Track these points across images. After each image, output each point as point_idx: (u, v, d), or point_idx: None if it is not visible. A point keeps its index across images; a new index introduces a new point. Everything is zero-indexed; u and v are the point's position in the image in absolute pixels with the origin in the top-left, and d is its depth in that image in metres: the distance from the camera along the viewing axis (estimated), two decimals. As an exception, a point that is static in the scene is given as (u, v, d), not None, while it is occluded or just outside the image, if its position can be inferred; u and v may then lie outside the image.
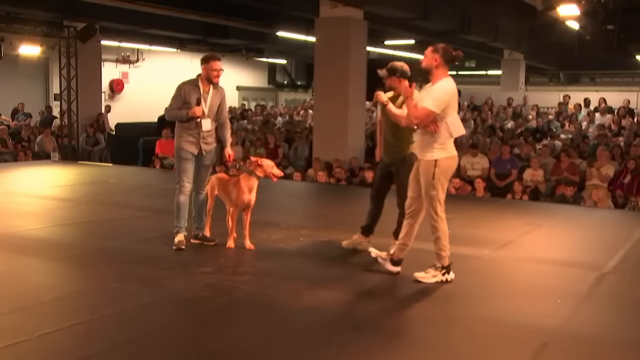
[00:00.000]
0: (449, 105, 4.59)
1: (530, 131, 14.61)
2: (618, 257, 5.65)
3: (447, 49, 4.66)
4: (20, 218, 6.89)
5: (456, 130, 4.62)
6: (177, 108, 5.53)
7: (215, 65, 5.51)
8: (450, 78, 4.68)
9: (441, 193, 4.65)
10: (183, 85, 5.58)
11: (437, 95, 4.58)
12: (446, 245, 4.71)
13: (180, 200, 5.61)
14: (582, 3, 9.97)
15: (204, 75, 5.56)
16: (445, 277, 4.72)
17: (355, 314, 4.13)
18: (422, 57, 4.82)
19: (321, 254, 5.58)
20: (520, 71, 19.78)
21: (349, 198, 8.92)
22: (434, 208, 4.65)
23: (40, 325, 3.77)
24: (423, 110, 4.60)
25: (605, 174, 9.92)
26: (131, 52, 20.02)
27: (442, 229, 4.68)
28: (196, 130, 5.54)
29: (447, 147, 4.66)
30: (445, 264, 4.73)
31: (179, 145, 5.58)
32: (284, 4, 12.92)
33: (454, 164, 4.75)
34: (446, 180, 4.70)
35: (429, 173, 4.63)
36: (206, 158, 5.67)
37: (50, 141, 14.17)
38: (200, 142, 5.57)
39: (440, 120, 4.59)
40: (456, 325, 4.00)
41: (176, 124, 5.63)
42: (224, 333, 3.79)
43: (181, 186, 5.59)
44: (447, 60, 4.65)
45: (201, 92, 5.54)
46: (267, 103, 24.87)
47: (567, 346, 3.71)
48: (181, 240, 5.62)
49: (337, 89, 11.73)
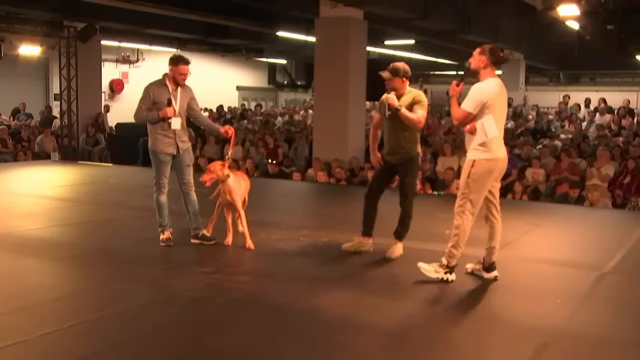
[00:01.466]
0: (486, 105, 4.53)
1: (530, 131, 14.62)
2: (618, 257, 5.65)
3: (494, 50, 4.65)
4: (20, 218, 6.89)
5: (490, 131, 4.56)
6: (147, 109, 5.54)
7: (184, 70, 5.56)
8: (496, 78, 4.63)
9: (473, 194, 4.59)
10: (151, 87, 5.60)
11: (473, 95, 4.56)
12: (461, 246, 4.66)
13: (161, 200, 5.67)
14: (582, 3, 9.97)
15: (170, 76, 5.60)
16: (446, 277, 4.70)
17: (355, 314, 4.13)
18: (422, 57, 4.83)
19: (321, 254, 5.57)
20: (520, 71, 19.78)
21: (349, 198, 8.91)
22: (461, 205, 4.62)
23: (40, 325, 3.77)
24: (461, 111, 4.60)
25: (605, 173, 9.93)
26: (131, 52, 20.02)
27: (463, 228, 4.63)
28: (170, 130, 5.56)
29: (489, 148, 4.58)
30: (452, 264, 4.70)
31: (154, 148, 5.59)
32: (284, 4, 12.91)
33: (494, 166, 4.61)
34: (481, 184, 4.59)
35: (465, 172, 4.63)
36: (185, 157, 5.69)
37: (50, 141, 14.18)
38: (177, 141, 5.60)
39: (478, 120, 4.56)
40: (456, 325, 4.00)
41: (148, 127, 5.64)
42: (224, 333, 3.79)
43: (160, 186, 5.64)
44: (494, 62, 4.63)
45: (170, 91, 5.57)
46: (267, 103, 24.88)
47: (567, 346, 3.71)
48: (168, 237, 5.68)
49: (337, 89, 11.72)
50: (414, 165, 5.35)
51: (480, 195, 4.63)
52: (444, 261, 4.72)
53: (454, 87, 4.75)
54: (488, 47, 4.65)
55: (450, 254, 4.69)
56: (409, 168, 5.33)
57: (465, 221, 4.63)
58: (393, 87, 5.32)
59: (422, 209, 4.90)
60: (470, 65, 4.70)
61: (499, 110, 4.63)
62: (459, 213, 4.66)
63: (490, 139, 4.56)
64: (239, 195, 5.67)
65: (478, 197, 4.62)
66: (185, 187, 5.72)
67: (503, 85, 4.68)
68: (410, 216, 5.37)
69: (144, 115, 5.56)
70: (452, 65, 21.64)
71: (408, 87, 5.37)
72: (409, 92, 5.31)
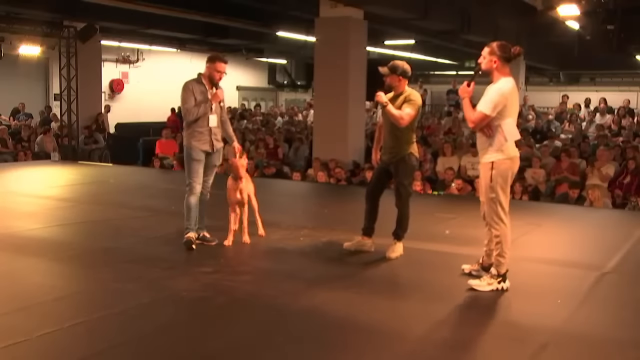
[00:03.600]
0: (505, 107, 4.40)
1: (530, 131, 14.62)
2: (618, 257, 5.65)
3: (504, 47, 4.45)
4: (20, 218, 6.89)
5: (511, 135, 4.43)
6: (195, 105, 5.49)
7: (221, 67, 5.55)
8: (510, 78, 4.47)
9: (502, 196, 4.46)
10: (190, 84, 5.57)
11: (492, 97, 4.40)
12: (507, 252, 4.52)
13: (191, 202, 5.58)
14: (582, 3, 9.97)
15: (207, 74, 5.58)
16: (500, 286, 4.52)
17: (355, 314, 4.13)
18: (422, 57, 4.80)
19: (321, 254, 5.57)
20: (520, 71, 19.76)
21: (349, 198, 8.91)
22: (495, 211, 4.50)
23: (40, 325, 3.77)
24: (478, 114, 4.43)
25: (605, 173, 9.93)
26: (131, 52, 20.02)
27: (504, 234, 4.49)
28: (207, 128, 5.54)
29: (505, 149, 4.46)
30: (502, 271, 4.53)
31: (191, 145, 5.53)
32: (284, 4, 12.92)
33: (513, 165, 4.51)
34: (506, 182, 4.48)
35: (486, 176, 4.49)
36: (215, 157, 5.68)
37: (50, 141, 14.18)
38: (212, 139, 5.57)
39: (496, 123, 4.42)
40: (456, 325, 4.00)
41: (185, 126, 5.60)
42: (224, 333, 3.79)
43: (192, 188, 5.56)
44: (506, 59, 4.45)
45: (207, 89, 5.56)
46: (267, 103, 24.87)
47: (567, 346, 3.71)
48: (192, 237, 5.60)
49: (337, 89, 11.72)
50: (406, 166, 5.33)
51: (506, 196, 4.51)
52: (493, 271, 4.58)
53: (465, 88, 4.57)
54: (497, 45, 4.45)
55: (497, 262, 4.55)
56: (400, 168, 5.32)
57: (503, 227, 4.49)
58: (390, 85, 5.33)
59: (422, 209, 4.90)
60: (480, 67, 4.53)
61: (514, 111, 4.51)
62: (494, 221, 4.52)
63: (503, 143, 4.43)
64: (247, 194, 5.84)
65: (505, 197, 4.49)
66: (203, 187, 5.69)
67: (516, 85, 4.55)
68: (407, 216, 5.36)
69: (196, 111, 5.48)
70: (452, 65, 21.63)
71: (407, 87, 5.36)
72: (406, 91, 5.32)
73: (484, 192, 4.57)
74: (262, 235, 6.04)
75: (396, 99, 5.31)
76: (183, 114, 5.57)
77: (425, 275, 4.85)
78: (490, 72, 4.49)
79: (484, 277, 4.61)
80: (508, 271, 4.58)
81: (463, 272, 4.93)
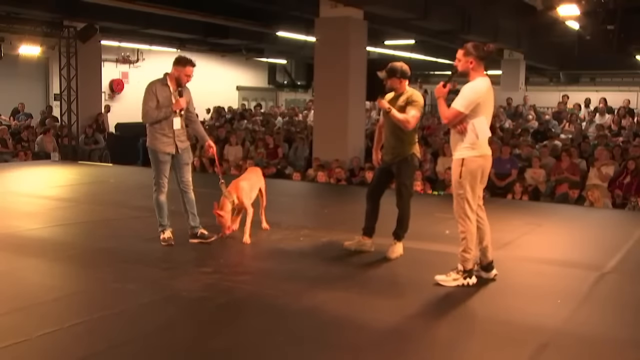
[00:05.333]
0: (479, 105, 4.52)
1: (530, 131, 14.62)
2: (618, 257, 5.65)
3: (478, 47, 4.60)
4: (20, 218, 6.89)
5: (482, 132, 4.55)
6: (156, 108, 5.52)
7: (190, 72, 5.57)
8: (485, 77, 4.60)
9: (469, 193, 4.57)
10: (153, 85, 5.58)
11: (467, 95, 4.53)
12: (472, 248, 4.62)
13: (161, 200, 5.68)
14: (582, 3, 9.96)
15: (174, 76, 5.59)
16: (466, 281, 4.63)
17: (355, 314, 4.13)
18: (422, 57, 4.82)
19: (321, 254, 5.57)
20: (520, 71, 19.76)
21: (349, 198, 8.91)
22: (462, 208, 4.59)
23: (40, 325, 3.77)
24: (452, 111, 4.56)
25: (605, 173, 9.93)
26: (131, 52, 20.02)
27: (469, 230, 4.60)
28: (170, 130, 5.57)
29: (478, 146, 4.57)
30: (468, 267, 4.64)
31: (154, 148, 5.59)
32: (284, 4, 12.91)
33: (484, 163, 4.64)
34: (475, 180, 4.59)
35: (456, 172, 4.61)
36: (183, 156, 5.71)
37: (50, 141, 14.18)
38: (176, 141, 5.60)
39: (469, 120, 4.53)
40: (456, 325, 4.00)
41: (148, 127, 5.63)
42: (224, 333, 3.79)
43: (160, 186, 5.65)
44: (481, 58, 4.59)
45: (171, 91, 5.57)
46: (267, 103, 24.87)
47: (567, 346, 3.71)
48: (170, 237, 5.69)
49: (337, 89, 11.72)
50: (408, 166, 5.34)
51: (475, 193, 4.63)
52: (459, 267, 4.67)
53: (440, 88, 4.72)
54: (471, 46, 4.61)
55: (463, 258, 4.64)
56: (402, 168, 5.32)
57: (469, 224, 4.61)
58: (391, 87, 5.34)
59: (422, 209, 4.90)
60: (457, 69, 4.67)
61: (488, 110, 4.64)
62: (460, 217, 4.63)
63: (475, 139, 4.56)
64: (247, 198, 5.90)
65: (473, 195, 4.61)
66: (183, 186, 5.73)
67: (491, 85, 4.66)
68: (407, 216, 5.37)
69: (155, 114, 5.52)
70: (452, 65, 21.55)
71: (408, 87, 5.36)
72: (407, 91, 5.31)
73: (453, 187, 4.68)
74: (266, 228, 6.25)
75: (397, 99, 5.31)
76: (142, 115, 5.58)
77: (425, 275, 4.85)
78: (467, 72, 4.63)
79: (450, 273, 4.69)
80: (474, 268, 4.68)
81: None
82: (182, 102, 5.56)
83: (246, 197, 5.88)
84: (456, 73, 4.71)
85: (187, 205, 5.75)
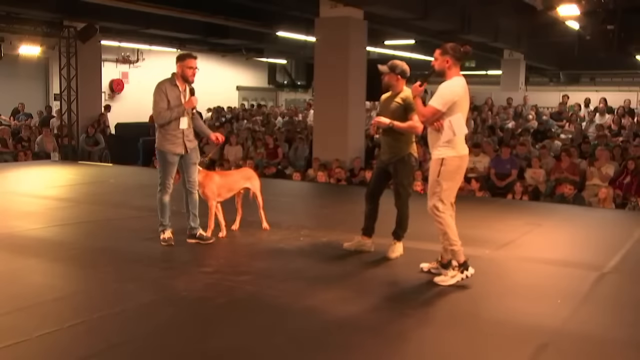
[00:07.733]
0: (455, 103, 4.59)
1: (530, 131, 14.61)
2: (618, 257, 5.65)
3: (455, 47, 4.67)
4: (20, 218, 6.89)
5: (459, 129, 4.61)
6: (167, 109, 5.52)
7: (192, 63, 5.56)
8: (461, 77, 4.68)
9: (445, 192, 4.61)
10: (163, 85, 5.58)
11: (443, 94, 4.60)
12: (456, 240, 4.65)
13: (165, 200, 5.68)
14: (582, 3, 9.97)
15: (179, 74, 5.60)
16: (464, 275, 4.65)
17: (355, 314, 4.13)
18: (422, 57, 4.83)
19: (321, 254, 5.57)
20: (520, 71, 19.78)
21: (349, 198, 8.91)
22: (435, 205, 4.64)
23: (40, 325, 3.77)
24: (430, 109, 4.63)
25: (605, 173, 9.93)
26: (131, 52, 20.03)
27: (446, 223, 4.63)
28: (179, 130, 5.57)
29: (456, 146, 4.63)
30: (461, 260, 4.66)
31: (163, 149, 5.59)
32: (284, 4, 12.92)
33: (462, 163, 4.70)
34: (452, 180, 4.65)
35: (434, 171, 4.65)
36: (192, 156, 5.71)
37: (50, 141, 14.17)
38: (185, 141, 5.61)
39: (446, 118, 4.60)
40: (456, 325, 4.00)
41: (157, 127, 5.63)
42: (224, 333, 3.79)
43: (165, 186, 5.65)
44: (458, 58, 4.66)
45: (180, 91, 5.58)
46: (267, 103, 24.89)
47: (567, 346, 3.71)
48: (170, 237, 5.70)
49: (337, 89, 11.73)
50: (405, 166, 5.33)
51: (452, 192, 4.68)
52: (454, 263, 4.70)
53: (416, 87, 4.77)
54: (449, 46, 4.67)
55: (453, 253, 4.68)
56: (399, 168, 5.32)
57: (443, 216, 4.64)
58: (388, 83, 5.35)
59: (422, 209, 4.88)
60: (434, 67, 4.71)
61: (464, 108, 4.70)
62: (434, 214, 4.65)
63: (452, 137, 4.61)
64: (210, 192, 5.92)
65: (449, 194, 4.66)
66: (189, 186, 5.74)
67: (466, 85, 4.72)
68: (406, 216, 5.37)
69: (168, 115, 5.51)
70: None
71: (405, 87, 5.36)
72: (404, 91, 5.32)
73: (430, 185, 4.71)
74: (267, 228, 6.27)
75: (392, 98, 5.31)
76: (154, 116, 5.58)
77: (425, 275, 4.85)
78: (443, 72, 4.69)
79: (447, 271, 4.71)
80: (467, 259, 4.69)
81: (422, 270, 4.99)
82: (194, 101, 5.57)
83: (209, 191, 5.89)
84: (433, 72, 4.76)
85: (190, 205, 5.76)
